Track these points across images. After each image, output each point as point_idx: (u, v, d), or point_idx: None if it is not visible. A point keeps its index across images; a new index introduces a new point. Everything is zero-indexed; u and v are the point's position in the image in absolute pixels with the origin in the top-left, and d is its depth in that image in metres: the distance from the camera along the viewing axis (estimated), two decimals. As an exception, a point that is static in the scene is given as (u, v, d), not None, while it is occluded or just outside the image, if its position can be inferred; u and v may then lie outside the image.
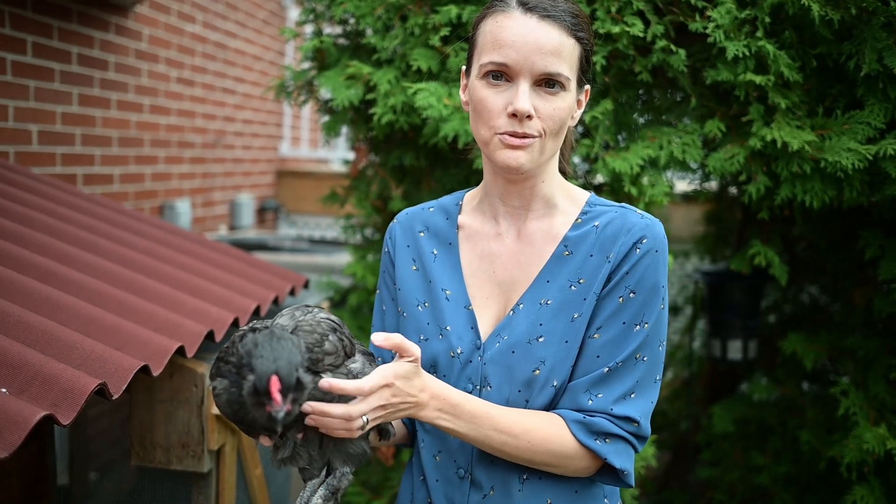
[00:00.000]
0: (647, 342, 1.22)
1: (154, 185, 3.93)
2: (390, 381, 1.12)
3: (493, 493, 1.26)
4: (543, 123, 1.19)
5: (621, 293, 1.22)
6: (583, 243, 1.26)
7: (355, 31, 2.37)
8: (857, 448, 2.08)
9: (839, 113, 1.88)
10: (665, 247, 1.25)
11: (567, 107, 1.20)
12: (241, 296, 2.07)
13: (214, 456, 1.83)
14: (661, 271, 1.23)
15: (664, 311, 1.24)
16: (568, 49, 1.18)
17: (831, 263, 2.61)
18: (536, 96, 1.18)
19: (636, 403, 1.22)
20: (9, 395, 1.24)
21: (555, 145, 1.23)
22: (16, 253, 1.72)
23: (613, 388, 1.22)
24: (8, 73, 2.82)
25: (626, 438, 1.22)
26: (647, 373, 1.23)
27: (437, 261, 1.35)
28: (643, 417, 1.22)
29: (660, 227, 1.25)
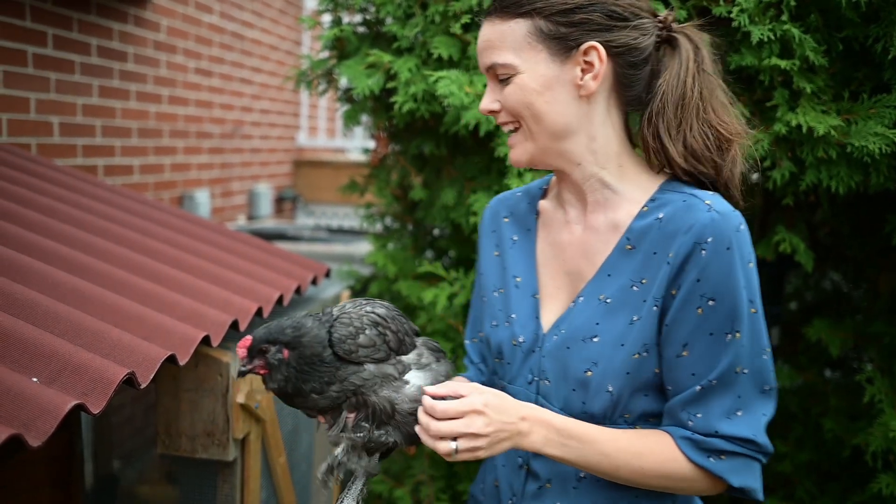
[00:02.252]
0: (743, 352, 1.09)
1: (173, 175, 3.95)
2: (481, 409, 1.08)
3: (550, 487, 1.21)
4: (508, 112, 1.18)
5: (698, 303, 1.09)
6: (646, 237, 1.14)
7: (375, 19, 2.36)
8: (883, 436, 2.07)
9: (865, 97, 1.86)
10: (740, 240, 1.09)
11: (523, 88, 1.14)
12: (264, 285, 2.08)
13: (239, 444, 1.84)
14: (737, 272, 1.08)
15: (758, 315, 1.11)
16: (509, 33, 1.14)
17: (854, 249, 2.58)
18: (498, 90, 1.18)
19: (745, 421, 1.11)
20: (40, 384, 1.25)
21: (542, 129, 1.16)
22: (42, 244, 1.73)
23: (712, 407, 1.11)
24: (29, 65, 2.84)
25: (744, 454, 1.12)
26: (750, 386, 1.11)
27: (514, 247, 1.32)
28: (757, 434, 1.11)
29: (730, 220, 1.09)
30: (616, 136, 1.19)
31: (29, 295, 1.48)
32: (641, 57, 1.16)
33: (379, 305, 1.21)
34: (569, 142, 1.18)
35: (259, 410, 1.85)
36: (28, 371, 1.29)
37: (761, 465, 1.14)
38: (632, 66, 1.16)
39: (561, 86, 1.15)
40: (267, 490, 2.02)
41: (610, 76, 1.16)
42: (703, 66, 1.17)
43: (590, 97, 1.16)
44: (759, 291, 1.11)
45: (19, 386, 1.19)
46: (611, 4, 1.13)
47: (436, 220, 2.34)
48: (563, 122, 1.16)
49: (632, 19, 1.14)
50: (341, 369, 1.13)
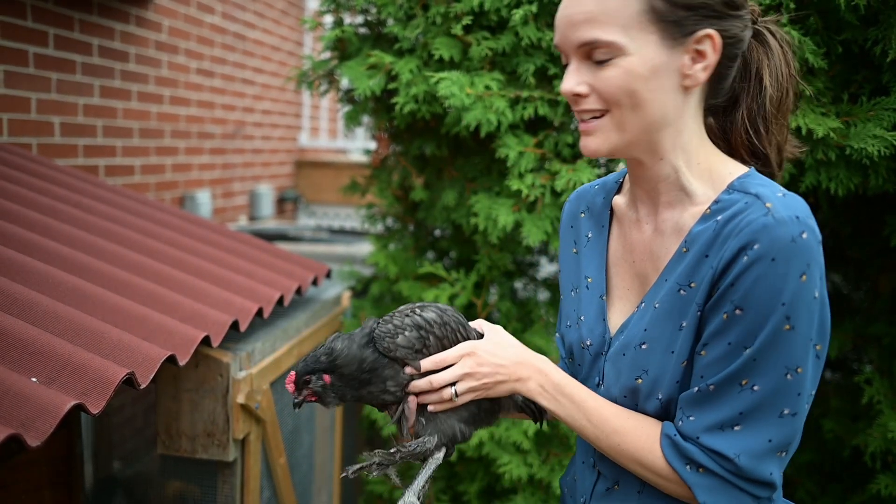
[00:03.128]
0: (757, 368, 1.01)
1: (175, 175, 3.96)
2: (471, 350, 1.14)
3: (618, 489, 1.18)
4: (602, 98, 1.06)
5: (726, 308, 1.02)
6: (702, 241, 1.06)
7: (377, 20, 2.37)
8: (882, 436, 2.07)
9: (864, 99, 1.86)
10: (793, 252, 0.98)
11: (623, 73, 1.03)
12: (265, 285, 2.09)
13: (239, 445, 1.84)
14: (779, 285, 0.98)
15: (795, 333, 0.99)
16: (612, 9, 1.02)
17: (855, 251, 2.58)
18: (588, 71, 1.06)
19: (738, 438, 1.02)
20: (39, 384, 1.26)
21: (638, 119, 1.06)
22: (43, 244, 1.74)
23: (706, 413, 1.04)
24: (30, 65, 2.84)
25: (723, 477, 1.04)
26: (759, 404, 1.01)
27: (588, 244, 1.26)
28: (745, 456, 1.02)
29: (786, 228, 0.98)
30: (698, 130, 1.11)
31: (29, 295, 1.49)
32: (741, 49, 1.09)
33: (431, 310, 1.20)
34: (660, 134, 1.09)
35: (259, 411, 1.86)
36: (28, 371, 1.29)
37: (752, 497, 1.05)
38: (730, 58, 1.08)
39: (667, 74, 1.05)
40: (267, 491, 2.03)
41: (713, 67, 1.07)
42: (792, 66, 1.12)
43: (690, 90, 1.07)
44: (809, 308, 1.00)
45: (19, 386, 1.19)
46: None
47: (437, 221, 2.34)
48: (661, 113, 1.06)
49: (741, 8, 1.07)
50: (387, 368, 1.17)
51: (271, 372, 1.96)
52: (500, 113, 2.01)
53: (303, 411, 2.28)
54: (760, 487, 1.04)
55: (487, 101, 2.02)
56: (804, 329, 1.00)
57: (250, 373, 1.82)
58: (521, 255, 2.37)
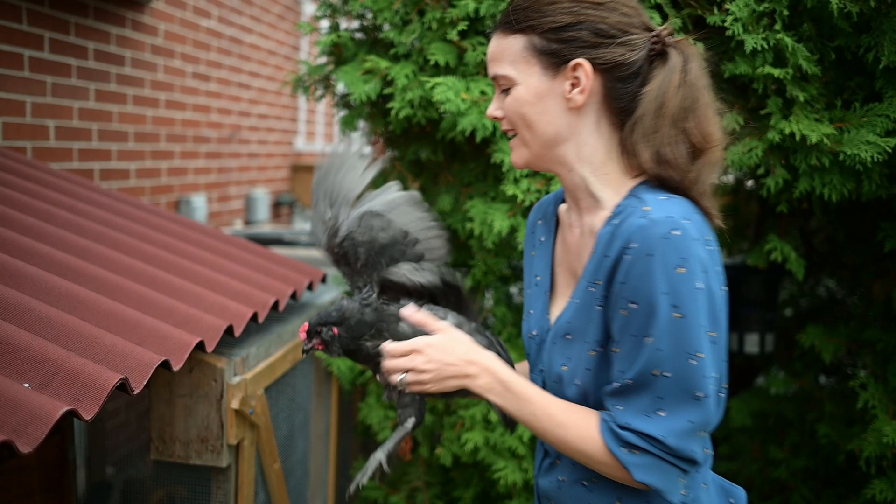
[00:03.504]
0: (662, 356, 1.12)
1: (170, 179, 3.95)
2: (419, 347, 1.25)
3: (559, 463, 1.30)
4: (508, 120, 1.26)
5: (622, 305, 1.14)
6: (603, 243, 1.19)
7: (372, 25, 2.37)
8: (877, 441, 2.07)
9: (858, 105, 1.87)
10: (666, 247, 1.10)
11: (518, 99, 1.22)
12: (260, 290, 2.08)
13: (233, 451, 1.84)
14: (657, 274, 1.10)
15: (686, 321, 1.10)
16: (508, 47, 1.23)
17: (849, 256, 2.59)
18: (502, 99, 1.26)
19: (662, 422, 1.13)
20: (31, 389, 1.25)
21: (534, 137, 1.24)
22: (37, 249, 1.73)
23: (631, 402, 1.15)
24: (25, 69, 2.84)
25: (656, 455, 1.14)
26: (673, 389, 1.12)
27: (540, 247, 1.41)
28: (668, 436, 1.12)
29: (658, 227, 1.11)
30: (603, 145, 1.24)
31: (22, 300, 1.48)
32: (630, 72, 1.20)
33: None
34: (560, 149, 1.25)
35: (254, 417, 1.85)
36: (20, 376, 1.29)
37: (680, 470, 1.15)
38: (620, 81, 1.21)
39: (552, 98, 1.22)
40: (261, 496, 2.02)
41: (599, 90, 1.21)
42: (689, 77, 1.20)
43: (579, 109, 1.22)
44: (693, 297, 1.10)
45: (10, 391, 1.19)
46: (598, 22, 1.19)
47: (431, 226, 2.34)
48: (552, 131, 1.23)
49: (619, 36, 1.19)
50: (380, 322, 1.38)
51: (266, 377, 1.95)
52: (496, 118, 2.01)
53: (297, 418, 2.28)
54: (687, 463, 1.15)
55: (483, 106, 2.02)
56: (693, 316, 1.11)
57: (245, 378, 1.82)
58: (516, 259, 2.37)
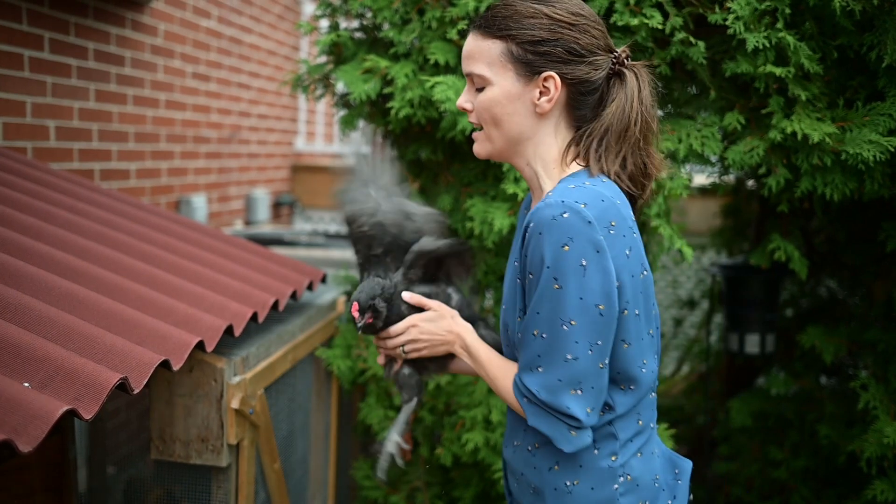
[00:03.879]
0: (540, 319, 1.29)
1: (170, 180, 3.95)
2: (414, 322, 1.53)
3: (514, 432, 1.48)
4: (477, 115, 1.39)
5: (524, 276, 1.32)
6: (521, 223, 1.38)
7: (372, 25, 2.37)
8: (877, 442, 2.07)
9: (860, 104, 1.87)
10: (553, 227, 1.25)
11: (490, 99, 1.35)
12: (260, 290, 2.08)
13: (233, 450, 1.83)
14: (545, 250, 1.26)
15: (563, 292, 1.26)
16: (487, 50, 1.35)
17: (850, 257, 2.59)
18: (473, 94, 1.39)
19: (539, 376, 1.31)
20: (31, 389, 1.25)
21: (500, 134, 1.37)
22: (37, 248, 1.73)
23: (523, 356, 1.34)
24: (25, 69, 2.83)
25: (539, 405, 1.33)
26: (548, 349, 1.29)
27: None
28: (544, 391, 1.30)
29: (550, 210, 1.26)
30: (557, 146, 1.39)
31: (22, 299, 1.48)
32: (592, 87, 1.36)
33: None
34: (521, 146, 1.39)
35: (254, 416, 1.85)
36: (20, 375, 1.29)
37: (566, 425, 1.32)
38: (582, 94, 1.36)
39: (521, 102, 1.35)
40: (261, 496, 2.02)
41: (563, 99, 1.36)
42: (644, 102, 1.37)
43: (543, 114, 1.36)
44: (575, 273, 1.25)
45: (10, 391, 1.18)
46: (571, 42, 1.33)
47: (432, 226, 2.34)
48: (518, 130, 1.37)
49: (588, 56, 1.34)
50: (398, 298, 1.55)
51: (266, 377, 1.95)
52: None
53: (297, 418, 2.27)
54: (567, 418, 1.31)
55: (483, 105, 2.01)
56: (572, 289, 1.26)
57: (244, 378, 1.82)
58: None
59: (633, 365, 1.36)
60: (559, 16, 1.32)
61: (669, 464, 1.48)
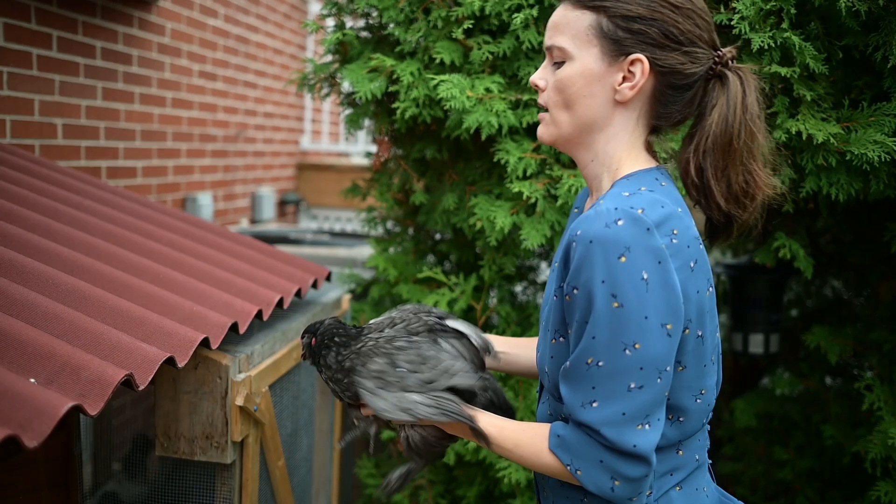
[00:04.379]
0: (597, 345, 1.10)
1: (176, 178, 3.96)
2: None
3: None
4: (547, 94, 1.23)
5: (568, 291, 1.14)
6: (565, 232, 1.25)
7: (378, 24, 2.37)
8: (882, 443, 2.06)
9: (865, 105, 1.86)
10: (608, 235, 1.09)
11: (567, 77, 1.19)
12: (265, 288, 2.09)
13: (238, 447, 1.84)
14: (596, 263, 1.09)
15: (624, 310, 1.08)
16: (574, 20, 1.19)
17: (856, 257, 2.58)
18: (549, 70, 1.23)
19: (597, 412, 1.11)
20: (37, 385, 1.26)
21: (569, 118, 1.21)
22: (43, 245, 1.74)
23: (571, 389, 1.15)
24: (34, 67, 2.85)
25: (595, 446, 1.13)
26: (607, 379, 1.11)
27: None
28: (607, 427, 1.11)
29: (602, 217, 1.10)
30: (629, 143, 1.23)
31: (28, 295, 1.49)
32: (685, 82, 1.19)
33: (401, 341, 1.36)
34: (590, 136, 1.23)
35: (258, 413, 1.86)
36: (26, 371, 1.29)
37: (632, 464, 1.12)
38: (672, 87, 1.20)
39: (600, 84, 1.19)
40: (265, 493, 2.03)
41: (649, 90, 1.20)
42: (749, 111, 1.19)
43: (623, 104, 1.20)
44: (636, 287, 1.08)
45: (17, 386, 1.19)
46: (670, 24, 1.16)
47: (437, 225, 2.34)
48: (591, 116, 1.21)
49: (686, 44, 1.17)
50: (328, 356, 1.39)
51: (270, 374, 1.96)
52: (502, 114, 2.01)
53: (301, 415, 2.28)
54: (626, 460, 1.11)
55: (488, 103, 2.02)
56: (634, 307, 1.08)
57: (249, 375, 1.82)
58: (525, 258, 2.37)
59: (686, 393, 1.19)
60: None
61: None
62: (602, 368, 1.11)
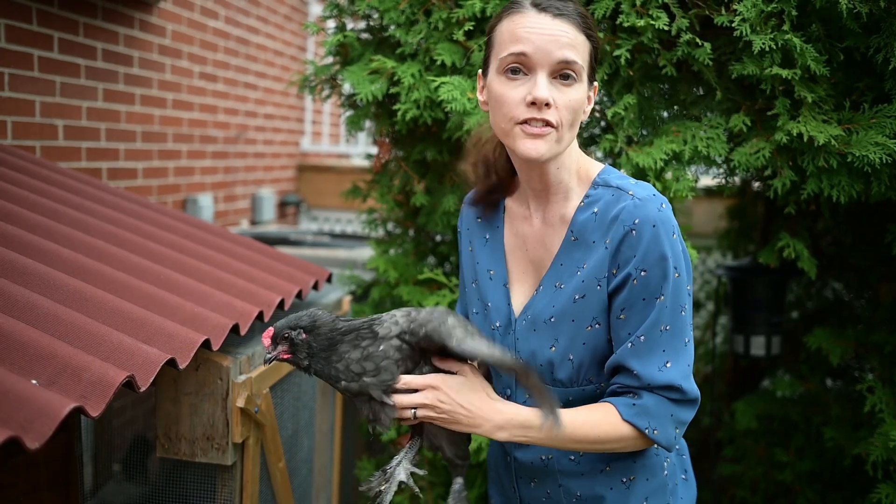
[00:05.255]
0: (666, 312, 1.28)
1: (177, 179, 3.96)
2: (437, 384, 1.30)
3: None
4: (560, 114, 1.27)
5: (633, 275, 1.28)
6: (586, 230, 1.33)
7: (379, 25, 2.37)
8: (883, 445, 2.06)
9: (866, 107, 1.86)
10: (663, 217, 1.28)
11: (581, 98, 1.29)
12: (266, 289, 2.09)
13: (238, 449, 1.84)
14: (664, 242, 1.27)
15: (680, 279, 1.29)
16: (580, 42, 1.28)
17: (857, 259, 2.58)
18: (553, 88, 1.26)
19: (673, 370, 1.28)
20: (39, 386, 1.26)
21: (571, 136, 1.31)
22: (44, 246, 1.74)
23: (644, 360, 1.28)
24: (35, 69, 2.85)
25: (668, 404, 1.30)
26: (672, 340, 1.29)
27: (487, 244, 1.50)
28: (683, 380, 1.29)
29: (652, 203, 1.28)
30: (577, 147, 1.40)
31: (30, 297, 1.49)
32: None
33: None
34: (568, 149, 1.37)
35: (259, 415, 1.85)
36: (28, 373, 1.29)
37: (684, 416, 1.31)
38: None
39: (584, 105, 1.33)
40: (266, 495, 2.03)
41: None
42: None
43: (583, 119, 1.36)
44: (682, 257, 1.30)
45: (18, 387, 1.19)
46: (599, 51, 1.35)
47: (437, 226, 2.34)
48: (575, 133, 1.34)
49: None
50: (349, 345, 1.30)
51: (271, 376, 1.96)
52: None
53: (302, 417, 2.28)
54: (692, 404, 1.31)
55: (489, 106, 2.02)
56: (684, 275, 1.30)
57: (250, 377, 1.82)
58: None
59: None
60: None
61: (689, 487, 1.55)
62: (668, 332, 1.28)
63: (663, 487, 1.42)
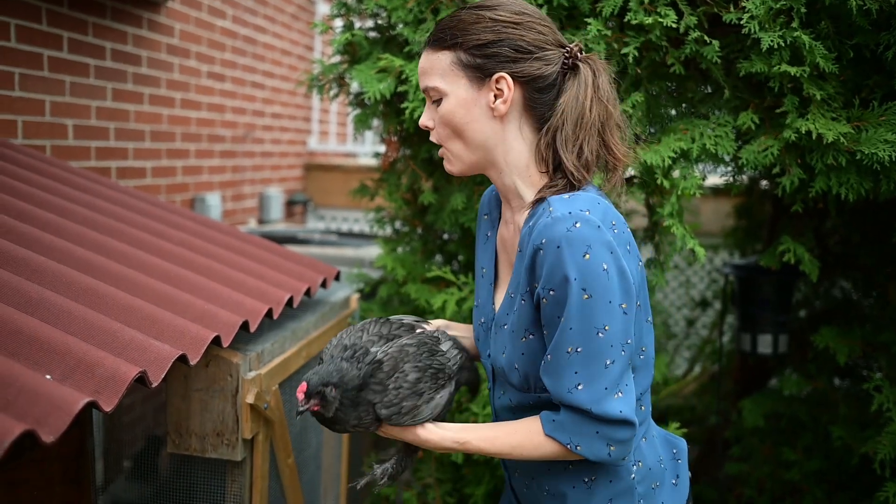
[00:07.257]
0: (574, 335, 1.26)
1: (185, 178, 3.98)
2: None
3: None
4: (437, 131, 1.39)
5: (543, 294, 1.28)
6: (524, 242, 1.34)
7: (387, 24, 2.38)
8: (891, 444, 2.06)
9: (876, 104, 1.86)
10: (571, 238, 1.24)
11: (450, 109, 1.35)
12: (275, 287, 2.10)
13: (248, 445, 1.85)
14: (567, 263, 1.24)
15: (592, 300, 1.25)
16: (437, 62, 1.36)
17: (864, 257, 2.58)
18: (432, 110, 1.40)
19: (583, 394, 1.27)
20: (53, 381, 1.27)
21: (463, 145, 1.38)
22: (56, 244, 1.75)
23: (554, 379, 1.30)
24: (45, 68, 2.87)
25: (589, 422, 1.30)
26: (586, 362, 1.27)
27: (487, 241, 1.55)
28: (594, 404, 1.27)
29: (561, 223, 1.25)
30: (527, 149, 1.38)
31: (43, 294, 1.50)
32: (546, 83, 1.35)
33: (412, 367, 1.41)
34: (490, 154, 1.38)
35: (268, 412, 1.87)
36: (42, 368, 1.31)
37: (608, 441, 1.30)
38: (538, 91, 1.36)
39: (478, 107, 1.35)
40: (275, 490, 2.04)
41: (520, 100, 1.36)
42: (601, 90, 1.36)
43: (502, 117, 1.36)
44: (602, 276, 1.25)
45: (33, 382, 1.20)
46: (517, 39, 1.33)
47: (445, 225, 2.35)
48: (481, 137, 1.37)
49: (536, 52, 1.34)
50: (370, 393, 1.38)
51: (280, 373, 1.97)
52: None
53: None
54: (616, 426, 1.29)
55: (498, 104, 2.02)
56: (601, 295, 1.25)
57: (259, 373, 1.83)
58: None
59: (635, 354, 1.37)
60: (502, 17, 1.33)
61: (667, 444, 1.52)
62: (581, 354, 1.27)
63: (629, 491, 1.42)
